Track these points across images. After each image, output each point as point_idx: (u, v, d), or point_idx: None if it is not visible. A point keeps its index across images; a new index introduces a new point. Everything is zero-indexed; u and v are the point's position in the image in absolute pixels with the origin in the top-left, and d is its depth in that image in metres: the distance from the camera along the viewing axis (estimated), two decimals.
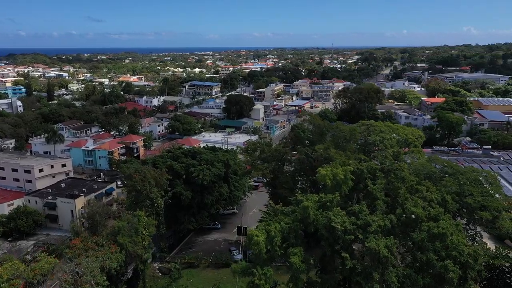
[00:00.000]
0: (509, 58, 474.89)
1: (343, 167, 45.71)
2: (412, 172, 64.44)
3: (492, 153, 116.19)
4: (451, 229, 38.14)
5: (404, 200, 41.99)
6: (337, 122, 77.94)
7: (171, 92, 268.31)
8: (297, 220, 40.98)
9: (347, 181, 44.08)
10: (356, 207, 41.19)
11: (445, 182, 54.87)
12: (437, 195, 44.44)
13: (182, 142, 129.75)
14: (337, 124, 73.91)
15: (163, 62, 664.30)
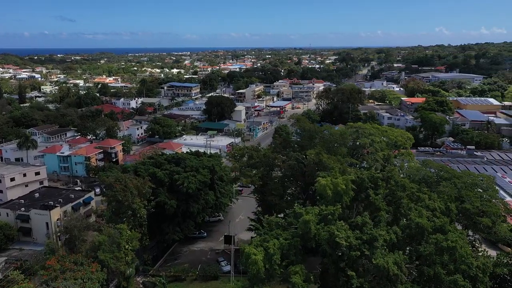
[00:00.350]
0: (481, 58, 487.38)
1: (344, 176, 43.11)
2: (405, 176, 62.80)
3: (476, 153, 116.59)
4: (461, 242, 36.04)
5: (408, 210, 39.72)
6: (326, 125, 75.35)
7: (149, 93, 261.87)
8: (297, 236, 38.09)
9: (349, 192, 41.54)
10: (359, 219, 38.64)
11: (442, 187, 53.12)
12: (440, 204, 42.39)
13: (163, 146, 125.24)
14: (326, 128, 71.48)
15: (140, 62, 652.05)
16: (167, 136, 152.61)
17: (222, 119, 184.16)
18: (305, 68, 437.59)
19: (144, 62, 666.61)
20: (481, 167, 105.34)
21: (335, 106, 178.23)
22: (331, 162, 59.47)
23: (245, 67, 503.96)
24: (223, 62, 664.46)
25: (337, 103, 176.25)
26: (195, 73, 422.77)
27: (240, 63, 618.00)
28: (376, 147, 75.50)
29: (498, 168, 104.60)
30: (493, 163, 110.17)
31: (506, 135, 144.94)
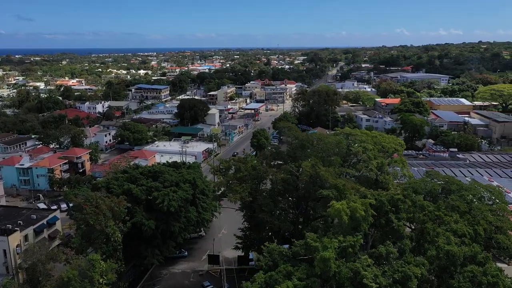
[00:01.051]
0: (444, 58, 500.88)
1: (361, 199, 37.69)
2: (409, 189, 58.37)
3: (458, 156, 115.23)
4: (502, 277, 31.41)
5: (435, 236, 34.79)
6: (319, 133, 69.97)
7: (116, 96, 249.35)
8: (313, 275, 32.32)
9: (368, 218, 36.20)
10: (383, 249, 33.39)
11: (452, 201, 48.85)
12: (468, 228, 37.77)
13: (134, 154, 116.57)
14: (320, 136, 66.13)
15: (104, 63, 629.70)
16: (138, 143, 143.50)
17: (195, 123, 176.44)
18: (275, 69, 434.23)
19: (109, 63, 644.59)
20: (465, 170, 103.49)
21: (312, 108, 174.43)
22: (329, 175, 54.14)
23: (214, 68, 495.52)
24: (191, 63, 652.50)
25: (314, 105, 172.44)
26: (163, 74, 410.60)
27: (209, 64, 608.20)
28: (369, 155, 70.98)
29: (483, 171, 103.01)
30: (476, 165, 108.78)
31: (481, 136, 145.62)
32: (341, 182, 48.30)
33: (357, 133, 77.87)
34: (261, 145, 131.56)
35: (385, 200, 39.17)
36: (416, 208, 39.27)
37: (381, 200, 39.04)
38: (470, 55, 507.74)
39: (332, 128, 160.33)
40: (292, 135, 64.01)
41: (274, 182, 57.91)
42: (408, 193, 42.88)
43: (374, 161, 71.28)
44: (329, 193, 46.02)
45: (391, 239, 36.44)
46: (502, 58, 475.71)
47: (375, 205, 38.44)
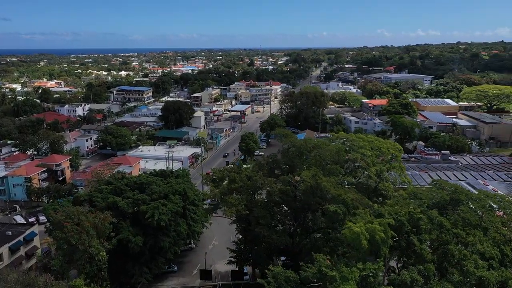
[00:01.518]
0: (426, 59, 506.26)
1: (378, 219, 34.21)
2: (412, 197, 55.43)
3: (450, 158, 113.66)
4: None
5: (461, 259, 31.61)
6: (319, 140, 66.48)
7: (97, 99, 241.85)
8: None
9: (388, 240, 32.80)
10: (407, 277, 30.01)
11: (462, 213, 45.98)
12: (496, 251, 34.72)
13: (118, 161, 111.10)
14: (319, 143, 62.62)
15: (84, 64, 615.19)
16: (120, 148, 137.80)
17: (180, 126, 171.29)
18: (259, 70, 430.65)
19: (89, 64, 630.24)
20: (459, 173, 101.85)
21: (299, 110, 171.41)
22: (331, 186, 50.72)
23: (198, 69, 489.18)
24: (173, 64, 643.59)
25: (302, 107, 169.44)
26: (145, 75, 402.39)
27: (191, 65, 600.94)
28: (368, 161, 67.99)
29: (476, 174, 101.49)
30: (469, 168, 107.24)
31: (470, 137, 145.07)
32: (349, 196, 44.86)
33: (354, 138, 74.81)
34: (250, 149, 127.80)
35: (404, 219, 35.91)
36: (434, 225, 36.14)
37: (401, 220, 35.77)
38: (451, 56, 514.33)
39: (321, 130, 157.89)
40: (289, 142, 60.33)
41: (272, 194, 54.10)
42: (424, 209, 39.67)
43: (373, 168, 68.39)
44: (336, 208, 42.51)
45: (412, 261, 33.17)
46: (481, 59, 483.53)
47: (394, 225, 35.12)
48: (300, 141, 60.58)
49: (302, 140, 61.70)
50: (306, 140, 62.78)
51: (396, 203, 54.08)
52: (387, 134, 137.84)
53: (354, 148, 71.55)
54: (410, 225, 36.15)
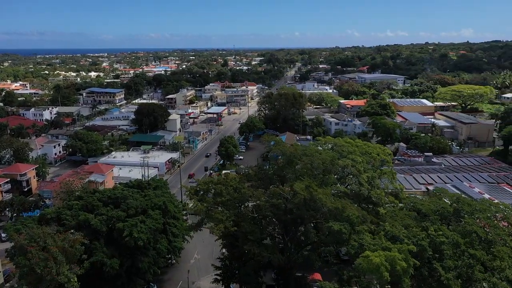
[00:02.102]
0: (397, 59, 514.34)
1: (397, 245, 30.30)
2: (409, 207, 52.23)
3: (433, 160, 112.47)
4: None
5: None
6: (311, 148, 62.39)
7: (66, 101, 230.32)
8: None
9: (409, 269, 28.97)
10: None
11: (467, 225, 42.96)
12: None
13: (89, 169, 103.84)
14: (310, 150, 58.56)
15: (51, 65, 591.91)
16: (92, 154, 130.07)
17: (154, 130, 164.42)
18: (234, 70, 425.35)
19: (57, 65, 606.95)
20: (443, 175, 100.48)
21: (278, 111, 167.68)
22: (327, 199, 46.80)
23: (171, 70, 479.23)
24: (145, 64, 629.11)
25: (280, 108, 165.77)
26: (116, 76, 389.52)
27: (164, 65, 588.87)
28: (359, 168, 64.60)
29: (460, 175, 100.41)
30: (453, 170, 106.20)
31: (448, 138, 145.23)
32: (353, 214, 40.92)
33: (342, 143, 71.34)
34: (230, 154, 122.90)
35: (425, 244, 32.28)
36: (457, 251, 32.52)
37: (422, 245, 32.12)
38: (421, 56, 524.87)
39: (301, 132, 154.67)
40: (279, 150, 56.00)
41: (262, 208, 49.65)
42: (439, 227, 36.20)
43: (364, 174, 65.07)
44: (341, 227, 38.57)
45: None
46: (450, 59, 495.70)
47: (414, 252, 31.42)
48: (290, 148, 56.38)
49: (292, 148, 57.49)
50: (296, 147, 58.58)
51: (394, 215, 50.76)
52: (368, 136, 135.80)
53: (344, 154, 68.06)
54: (432, 250, 32.63)
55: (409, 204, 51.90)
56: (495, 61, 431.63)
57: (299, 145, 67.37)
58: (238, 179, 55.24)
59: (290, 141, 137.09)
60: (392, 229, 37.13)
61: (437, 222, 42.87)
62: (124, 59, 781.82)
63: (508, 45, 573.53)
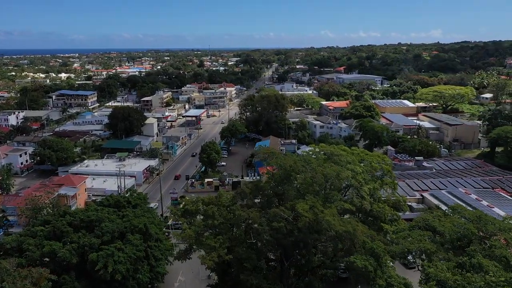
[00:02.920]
0: (373, 59, 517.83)
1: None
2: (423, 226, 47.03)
3: (424, 165, 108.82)
4: None
5: None
6: (312, 160, 56.31)
7: (34, 105, 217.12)
8: None
9: None
10: None
11: (497, 250, 37.91)
12: None
13: (59, 181, 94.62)
14: (310, 163, 52.52)
15: (19, 66, 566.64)
16: (62, 163, 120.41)
17: (130, 135, 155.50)
18: (210, 71, 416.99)
19: (24, 66, 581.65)
20: (437, 181, 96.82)
21: (260, 114, 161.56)
22: (336, 221, 40.91)
23: (145, 70, 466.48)
24: (118, 65, 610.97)
25: (263, 111, 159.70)
26: (88, 78, 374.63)
27: (138, 66, 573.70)
28: (359, 179, 59.23)
29: (454, 181, 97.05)
30: (445, 174, 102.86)
31: (433, 140, 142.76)
32: (379, 246, 35.09)
33: (339, 151, 65.80)
34: (212, 161, 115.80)
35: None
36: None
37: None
38: (395, 56, 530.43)
39: (285, 136, 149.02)
40: (276, 163, 49.73)
41: (261, 232, 43.29)
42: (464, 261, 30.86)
43: (366, 186, 59.79)
44: (365, 263, 32.77)
45: None
46: (424, 59, 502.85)
47: None
48: (289, 160, 50.13)
49: (291, 159, 51.23)
50: (295, 159, 52.35)
51: (406, 236, 45.36)
52: (354, 139, 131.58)
53: (342, 163, 62.52)
54: None
55: (421, 221, 46.55)
56: (467, 61, 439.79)
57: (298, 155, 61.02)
58: (230, 198, 48.53)
59: (275, 145, 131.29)
60: (436, 272, 31.41)
61: (477, 255, 37.02)
62: (96, 59, 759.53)
63: (477, 46, 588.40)
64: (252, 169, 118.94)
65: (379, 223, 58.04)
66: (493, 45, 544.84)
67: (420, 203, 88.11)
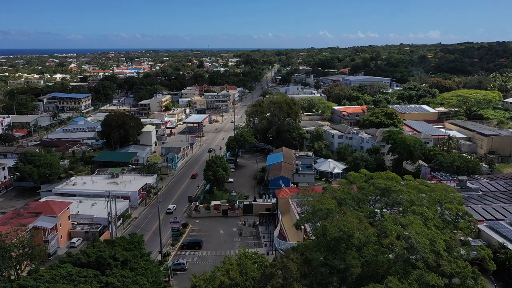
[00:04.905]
0: (377, 60, 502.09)
1: None
2: None
3: (469, 185, 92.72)
4: None
5: None
6: (388, 218, 40.00)
7: (22, 109, 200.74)
8: None
9: None
10: None
11: None
12: None
13: (37, 208, 78.08)
14: (387, 222, 36.34)
15: (14, 66, 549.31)
16: (45, 180, 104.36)
17: (125, 145, 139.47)
18: (211, 72, 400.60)
19: (20, 66, 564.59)
20: (489, 207, 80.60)
21: (270, 122, 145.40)
22: None
23: (144, 71, 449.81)
24: (116, 65, 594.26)
25: (273, 118, 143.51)
26: (84, 79, 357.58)
27: (136, 66, 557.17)
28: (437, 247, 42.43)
29: (510, 206, 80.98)
30: (497, 198, 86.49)
31: (465, 152, 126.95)
32: None
33: (398, 186, 49.75)
34: (219, 179, 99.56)
35: None
36: None
37: None
38: (400, 57, 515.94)
39: (299, 147, 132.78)
40: (336, 228, 33.53)
41: None
42: None
43: (441, 237, 43.76)
44: None
45: None
46: (430, 60, 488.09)
47: None
48: (353, 221, 33.91)
49: (355, 220, 34.98)
50: (360, 218, 36.10)
51: None
52: (380, 152, 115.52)
53: (405, 204, 46.58)
54: None
55: None
56: (477, 62, 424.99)
57: (358, 214, 43.56)
58: (262, 277, 32.38)
59: (289, 159, 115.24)
60: None
61: None
62: (94, 59, 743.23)
63: (483, 46, 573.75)
64: (266, 188, 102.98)
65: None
66: (499, 46, 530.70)
67: (476, 237, 72.02)
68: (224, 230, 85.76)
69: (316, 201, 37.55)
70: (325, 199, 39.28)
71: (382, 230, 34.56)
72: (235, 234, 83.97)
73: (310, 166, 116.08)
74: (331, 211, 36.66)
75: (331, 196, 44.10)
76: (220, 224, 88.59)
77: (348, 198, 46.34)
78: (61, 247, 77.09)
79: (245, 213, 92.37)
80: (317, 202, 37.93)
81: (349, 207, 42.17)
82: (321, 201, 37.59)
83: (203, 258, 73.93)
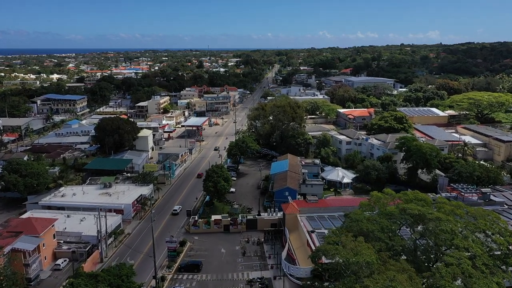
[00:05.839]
0: (379, 61, 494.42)
1: None
2: None
3: (493, 199, 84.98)
4: None
5: None
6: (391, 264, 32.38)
7: (15, 111, 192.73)
8: None
9: None
10: None
11: None
12: None
13: (17, 227, 70.02)
14: (409, 276, 28.62)
15: (11, 66, 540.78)
16: (32, 191, 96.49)
17: (120, 150, 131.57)
18: (211, 72, 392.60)
19: (17, 66, 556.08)
20: None
21: (273, 126, 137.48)
22: None
23: (142, 71, 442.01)
24: (114, 66, 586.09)
25: (277, 123, 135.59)
26: (81, 79, 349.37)
27: (135, 67, 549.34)
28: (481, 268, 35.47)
29: None
30: None
31: (481, 159, 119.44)
32: None
33: (434, 213, 41.96)
34: (220, 191, 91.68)
35: None
36: None
37: None
38: (402, 58, 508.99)
39: (305, 154, 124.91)
40: None
41: None
42: None
43: (494, 279, 35.95)
44: None
45: None
46: (432, 60, 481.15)
47: None
48: (403, 278, 26.25)
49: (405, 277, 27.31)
50: (402, 266, 28.41)
51: None
52: (392, 160, 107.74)
53: (445, 237, 38.90)
54: None
55: None
56: (481, 63, 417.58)
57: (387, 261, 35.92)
58: None
59: (295, 167, 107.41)
60: None
61: None
62: (93, 59, 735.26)
63: (485, 47, 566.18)
64: (270, 200, 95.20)
65: None
66: (502, 46, 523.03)
67: None
68: (225, 248, 77.94)
69: (350, 250, 29.64)
70: (361, 247, 31.43)
71: None
72: (238, 253, 76.17)
73: (317, 175, 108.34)
74: (371, 266, 29.02)
75: (358, 228, 36.39)
76: (221, 241, 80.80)
77: (376, 229, 38.61)
78: (45, 269, 69.31)
79: (248, 228, 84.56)
80: (351, 253, 30.07)
81: (381, 244, 34.52)
82: (355, 249, 29.86)
83: (202, 284, 66.12)
